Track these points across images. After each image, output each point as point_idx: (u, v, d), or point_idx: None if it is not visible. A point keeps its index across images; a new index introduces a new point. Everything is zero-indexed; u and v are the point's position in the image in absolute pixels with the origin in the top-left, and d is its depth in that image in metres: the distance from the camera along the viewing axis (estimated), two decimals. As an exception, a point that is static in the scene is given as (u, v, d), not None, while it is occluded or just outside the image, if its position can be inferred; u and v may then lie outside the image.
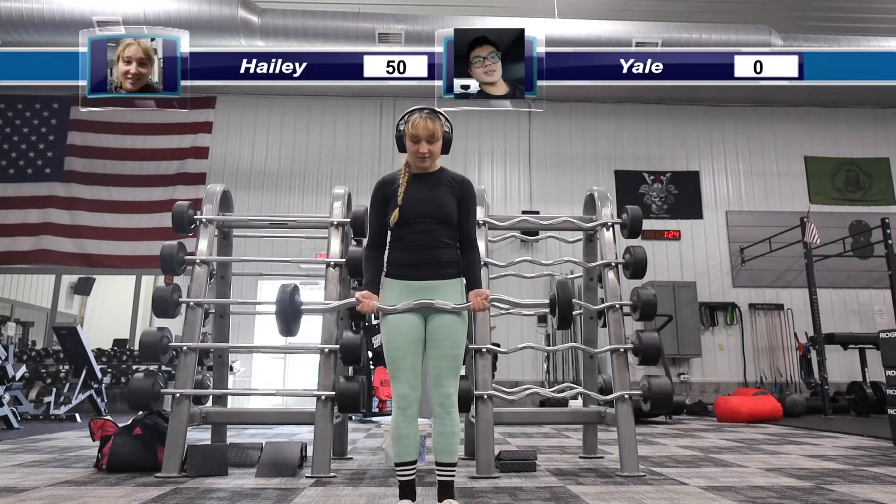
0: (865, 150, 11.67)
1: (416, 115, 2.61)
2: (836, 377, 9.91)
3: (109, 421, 4.08)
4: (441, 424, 2.53)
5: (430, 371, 2.58)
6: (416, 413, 2.54)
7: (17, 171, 10.81)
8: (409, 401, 2.52)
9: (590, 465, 4.13)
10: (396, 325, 2.54)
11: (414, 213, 2.57)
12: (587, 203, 4.54)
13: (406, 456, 2.52)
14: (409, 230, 2.58)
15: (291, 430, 6.44)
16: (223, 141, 11.11)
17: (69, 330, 7.85)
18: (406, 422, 2.51)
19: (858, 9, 8.97)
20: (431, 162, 2.65)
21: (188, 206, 4.20)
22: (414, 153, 2.61)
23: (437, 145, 2.62)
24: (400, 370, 2.53)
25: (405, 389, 2.52)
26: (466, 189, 2.69)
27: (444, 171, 2.72)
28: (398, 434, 2.51)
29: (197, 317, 3.94)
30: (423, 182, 2.64)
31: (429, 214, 2.58)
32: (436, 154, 2.64)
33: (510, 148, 11.41)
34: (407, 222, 2.57)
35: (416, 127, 2.58)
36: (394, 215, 2.57)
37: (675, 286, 10.59)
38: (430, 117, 2.61)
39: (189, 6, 7.71)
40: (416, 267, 2.57)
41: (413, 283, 2.57)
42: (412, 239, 2.58)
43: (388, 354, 2.56)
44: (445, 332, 2.55)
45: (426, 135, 2.58)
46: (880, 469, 3.89)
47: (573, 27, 8.18)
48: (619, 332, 3.96)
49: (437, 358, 2.56)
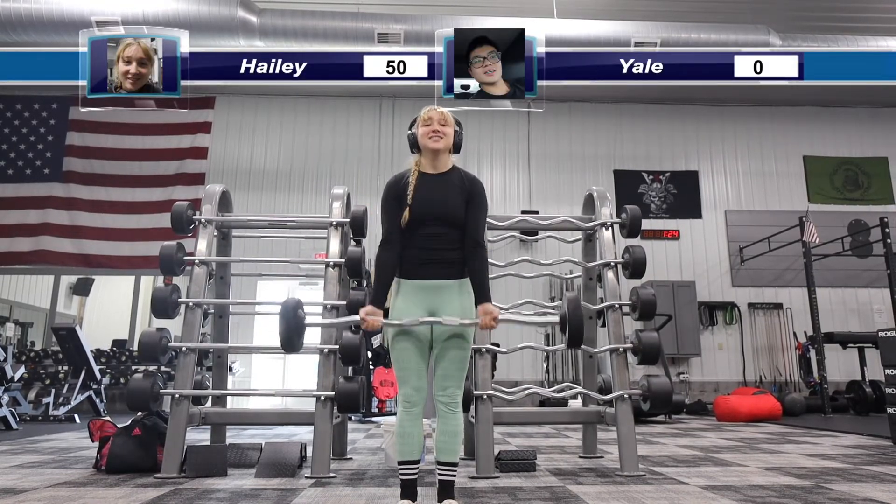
0: (864, 150, 11.68)
1: (427, 108, 2.68)
2: (836, 376, 9.92)
3: (108, 422, 4.08)
4: (445, 423, 2.53)
5: (437, 371, 2.58)
6: (420, 412, 2.55)
7: (15, 172, 10.80)
8: (414, 401, 2.53)
9: (589, 464, 4.13)
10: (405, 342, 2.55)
11: (423, 213, 2.56)
12: (586, 203, 4.54)
13: (409, 455, 2.52)
14: (419, 231, 2.57)
15: (291, 431, 6.44)
16: (222, 141, 11.11)
17: (68, 330, 7.84)
18: (410, 420, 2.52)
19: (857, 9, 8.97)
20: (444, 145, 2.62)
21: (187, 206, 4.19)
22: (425, 134, 2.61)
23: (449, 129, 2.63)
24: (406, 370, 2.55)
25: (410, 390, 2.53)
26: (476, 190, 2.66)
27: (457, 170, 2.71)
28: (402, 432, 2.52)
29: (196, 317, 3.93)
30: (433, 181, 2.63)
31: (438, 216, 2.57)
32: (448, 137, 2.63)
33: (509, 148, 11.41)
34: (417, 224, 2.57)
35: (429, 112, 2.64)
36: (404, 216, 2.57)
37: (675, 286, 10.59)
38: (442, 109, 2.68)
39: (188, 6, 7.70)
40: (425, 266, 2.57)
41: (422, 282, 2.57)
42: (422, 241, 2.57)
43: (394, 355, 2.58)
44: (452, 337, 2.55)
45: (438, 118, 2.62)
46: (880, 468, 3.89)
47: (572, 27, 8.19)
48: (618, 332, 3.96)
49: (444, 359, 2.56)
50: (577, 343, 2.93)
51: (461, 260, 2.61)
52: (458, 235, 2.61)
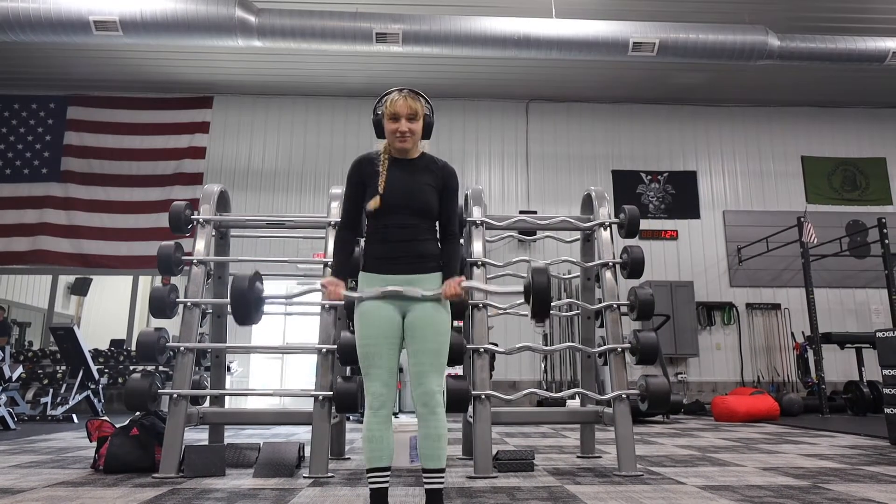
0: (862, 150, 11.70)
1: (394, 94, 2.43)
2: (833, 376, 9.94)
3: (106, 422, 4.07)
4: (426, 426, 2.31)
5: (411, 368, 2.37)
6: (389, 414, 2.33)
7: (13, 172, 10.78)
8: (382, 400, 2.31)
9: (587, 464, 4.13)
10: (370, 316, 2.35)
11: (394, 203, 2.39)
12: (585, 203, 4.55)
13: (378, 461, 2.27)
14: (388, 221, 2.40)
15: (289, 431, 6.44)
16: (220, 141, 11.10)
17: (66, 330, 7.83)
18: (379, 423, 2.29)
19: (855, 9, 8.98)
20: (412, 143, 2.44)
21: (185, 206, 4.19)
22: (392, 132, 2.41)
23: (417, 124, 2.43)
24: (373, 367, 2.32)
25: (379, 388, 2.31)
26: (449, 177, 2.50)
27: (426, 156, 2.54)
28: (370, 437, 2.27)
29: (194, 317, 3.93)
30: (403, 168, 2.46)
31: (409, 206, 2.40)
32: (417, 134, 2.44)
33: (508, 148, 11.42)
34: (386, 213, 2.39)
35: (395, 105, 2.39)
36: (373, 202, 2.39)
37: (673, 286, 10.60)
38: (411, 95, 2.43)
39: (186, 6, 7.69)
40: (394, 261, 2.39)
41: (391, 277, 2.38)
42: (391, 232, 2.40)
43: (362, 350, 2.35)
44: (425, 324, 2.35)
45: (406, 112, 2.39)
46: (877, 468, 3.89)
47: (571, 27, 8.19)
48: (616, 332, 3.97)
49: (418, 353, 2.34)
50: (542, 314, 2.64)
51: (432, 254, 2.45)
52: (430, 226, 2.46)
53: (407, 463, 3.99)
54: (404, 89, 2.46)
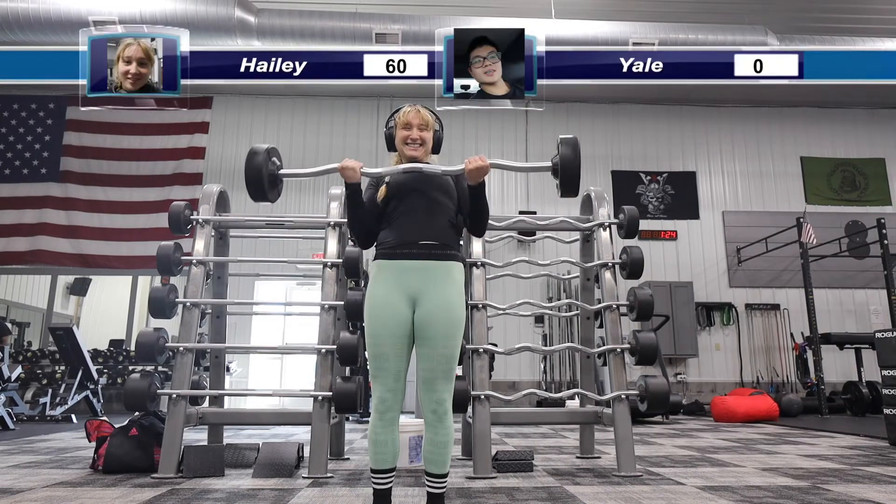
0: (861, 151, 11.71)
1: (406, 107, 2.51)
2: (833, 377, 9.94)
3: (106, 422, 4.07)
4: (433, 433, 2.31)
5: (421, 373, 2.33)
6: (395, 418, 2.32)
7: (12, 172, 10.77)
8: (388, 405, 2.29)
9: (587, 465, 4.13)
10: (379, 314, 2.31)
11: (403, 188, 2.42)
12: (584, 203, 4.55)
13: (383, 463, 2.28)
14: (399, 209, 2.40)
15: (288, 431, 6.44)
16: (220, 141, 11.09)
17: (65, 330, 7.82)
18: (384, 427, 2.28)
19: (854, 10, 9.00)
20: (423, 153, 2.49)
21: (185, 206, 4.18)
22: (403, 139, 2.47)
23: (428, 134, 2.50)
24: (380, 370, 2.31)
25: (386, 393, 2.30)
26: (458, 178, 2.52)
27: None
28: (375, 440, 2.28)
29: (193, 317, 3.92)
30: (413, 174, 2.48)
31: (419, 189, 2.41)
32: (427, 143, 2.50)
33: (507, 149, 11.41)
34: (396, 200, 2.41)
35: (408, 115, 2.48)
36: (381, 191, 2.42)
37: (672, 286, 10.60)
38: (422, 108, 2.52)
39: (185, 6, 7.69)
40: (409, 245, 2.35)
41: (404, 262, 2.34)
42: (402, 218, 2.39)
43: (371, 350, 2.33)
44: (438, 327, 2.30)
45: (418, 121, 2.48)
46: (876, 468, 3.89)
47: (570, 27, 8.19)
48: (615, 333, 3.96)
49: (429, 358, 2.30)
50: (571, 189, 2.59)
51: (450, 238, 2.42)
52: (447, 209, 2.45)
53: (407, 463, 3.99)
54: (416, 104, 2.55)
